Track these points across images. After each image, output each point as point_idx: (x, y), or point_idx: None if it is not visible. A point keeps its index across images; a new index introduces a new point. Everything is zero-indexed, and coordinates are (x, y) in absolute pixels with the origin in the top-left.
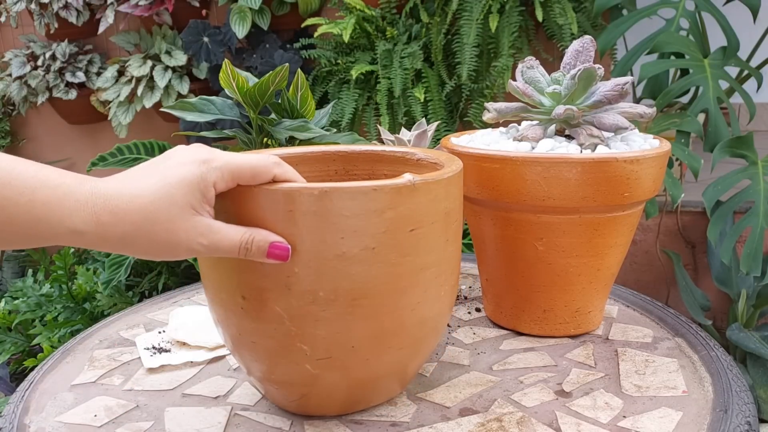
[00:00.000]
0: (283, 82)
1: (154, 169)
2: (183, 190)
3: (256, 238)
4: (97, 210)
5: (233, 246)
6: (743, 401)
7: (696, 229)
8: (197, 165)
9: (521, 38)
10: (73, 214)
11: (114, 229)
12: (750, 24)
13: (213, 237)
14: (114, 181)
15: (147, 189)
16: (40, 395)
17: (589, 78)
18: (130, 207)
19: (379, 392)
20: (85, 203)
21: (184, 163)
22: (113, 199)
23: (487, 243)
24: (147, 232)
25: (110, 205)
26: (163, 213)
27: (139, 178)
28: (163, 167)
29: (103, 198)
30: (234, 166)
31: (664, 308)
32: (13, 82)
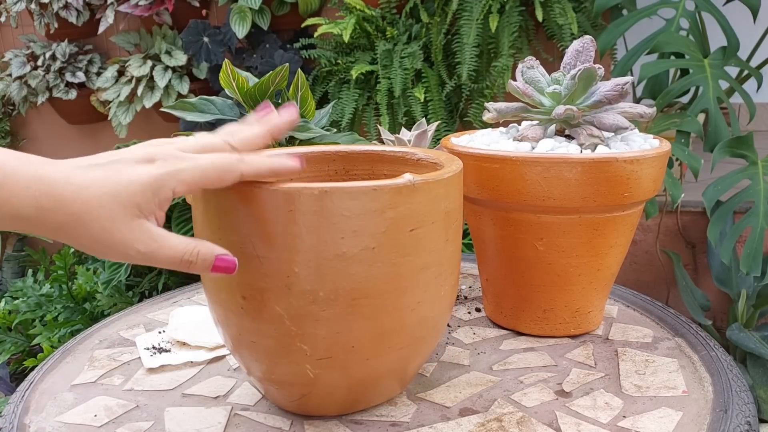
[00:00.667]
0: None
1: (108, 162)
2: (131, 189)
3: (201, 251)
4: (39, 195)
5: (174, 257)
6: (743, 401)
7: (696, 229)
8: (156, 167)
9: (521, 38)
10: (14, 197)
11: (54, 216)
12: (750, 24)
13: (152, 245)
14: (63, 166)
15: (95, 182)
16: (40, 395)
17: (589, 78)
18: (74, 197)
19: (379, 392)
20: (27, 187)
21: (141, 161)
22: (58, 187)
23: (487, 243)
24: (85, 225)
25: (54, 192)
26: (104, 210)
27: (90, 169)
28: (118, 161)
29: (47, 184)
30: (198, 172)
31: (664, 308)
32: (13, 82)
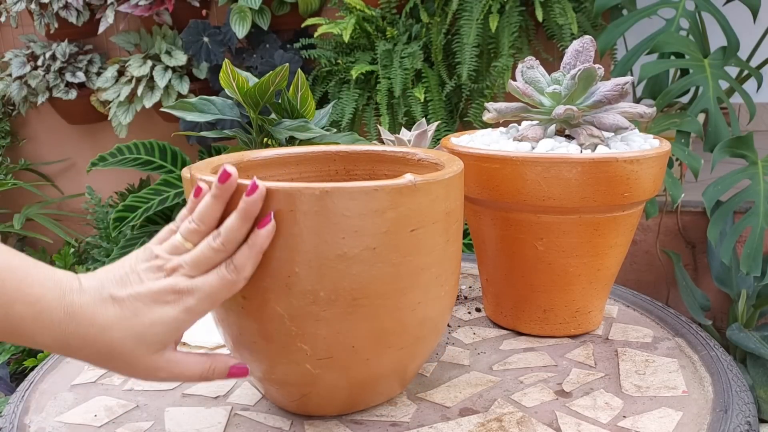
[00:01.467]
0: (283, 82)
1: (128, 297)
2: (154, 330)
3: (217, 368)
4: (67, 334)
5: (192, 377)
6: (743, 401)
7: (696, 229)
8: (173, 308)
9: (521, 38)
10: (45, 333)
11: (79, 352)
12: (750, 24)
13: (173, 371)
14: (91, 305)
15: (118, 323)
16: (40, 395)
17: (589, 78)
18: (99, 338)
19: (379, 392)
20: (58, 324)
21: (158, 301)
22: (84, 327)
23: (487, 243)
24: (110, 361)
25: (81, 332)
26: (127, 348)
27: (111, 304)
28: (137, 298)
29: (75, 324)
30: (208, 303)
31: (664, 308)
32: (13, 82)
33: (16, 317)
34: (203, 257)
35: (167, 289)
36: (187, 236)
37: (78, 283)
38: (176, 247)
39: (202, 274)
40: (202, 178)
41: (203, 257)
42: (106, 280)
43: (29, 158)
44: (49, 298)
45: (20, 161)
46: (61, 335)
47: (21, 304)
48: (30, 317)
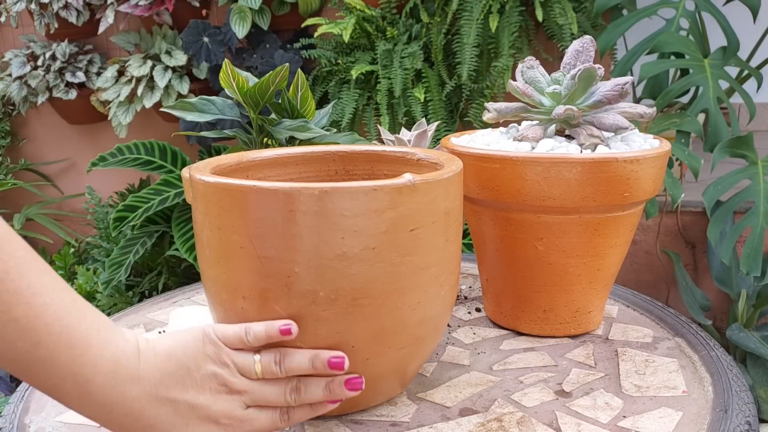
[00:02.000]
0: (283, 82)
1: (186, 404)
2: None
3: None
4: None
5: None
6: (743, 401)
7: (696, 229)
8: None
9: (521, 38)
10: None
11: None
12: (750, 24)
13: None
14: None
15: (165, 427)
16: (41, 395)
17: (589, 78)
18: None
19: (379, 392)
20: (104, 407)
21: (209, 421)
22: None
23: (487, 243)
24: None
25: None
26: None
27: (165, 408)
28: (194, 410)
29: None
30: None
31: (664, 308)
32: (13, 82)
33: (62, 393)
34: (271, 400)
35: (224, 413)
36: (266, 373)
37: (137, 364)
38: (248, 372)
39: (258, 407)
40: None
41: (271, 400)
42: (166, 377)
43: (29, 158)
44: (100, 382)
45: (20, 161)
46: (103, 416)
47: (72, 384)
48: (76, 394)
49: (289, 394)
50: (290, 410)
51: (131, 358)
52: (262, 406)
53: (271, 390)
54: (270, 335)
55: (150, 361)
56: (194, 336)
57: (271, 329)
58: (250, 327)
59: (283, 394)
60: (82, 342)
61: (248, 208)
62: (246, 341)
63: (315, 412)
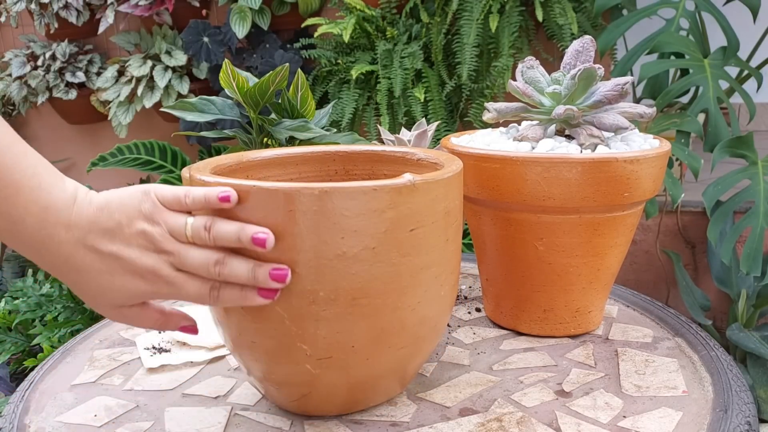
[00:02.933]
0: (283, 82)
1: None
2: (121, 294)
3: (169, 324)
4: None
5: (146, 327)
6: (743, 401)
7: (696, 229)
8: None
9: (521, 38)
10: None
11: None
12: (750, 24)
13: (127, 322)
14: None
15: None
16: (40, 395)
17: (589, 78)
18: (67, 275)
19: (379, 392)
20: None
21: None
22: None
23: (487, 243)
24: (71, 286)
25: (54, 261)
26: (89, 295)
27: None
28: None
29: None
30: (175, 297)
31: (664, 308)
32: (13, 82)
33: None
34: (196, 267)
35: (149, 269)
36: (194, 236)
37: (69, 212)
38: (178, 234)
39: (186, 274)
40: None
41: (196, 267)
42: (95, 226)
43: None
44: (29, 223)
45: None
46: (33, 252)
47: (3, 222)
48: (7, 232)
49: (214, 264)
50: (220, 288)
51: (65, 206)
52: (190, 274)
53: (196, 255)
54: (209, 200)
55: (83, 210)
56: (133, 192)
57: (210, 194)
58: (190, 190)
59: (207, 262)
60: (14, 184)
61: (248, 208)
62: (184, 203)
63: (244, 299)
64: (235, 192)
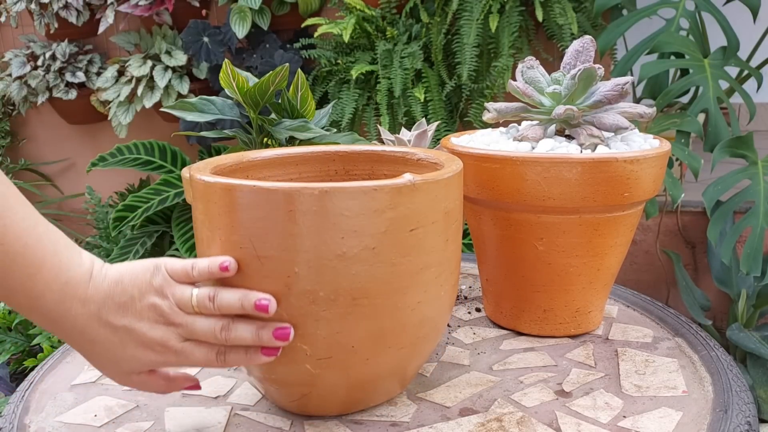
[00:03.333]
0: (283, 82)
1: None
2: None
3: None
4: (56, 328)
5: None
6: (743, 401)
7: (696, 229)
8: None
9: (521, 38)
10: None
11: (63, 337)
12: (750, 24)
13: (137, 388)
14: (86, 319)
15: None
16: (40, 395)
17: (589, 78)
18: (82, 346)
19: (379, 392)
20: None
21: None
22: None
23: (487, 243)
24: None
25: (68, 335)
26: (102, 365)
27: (105, 329)
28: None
29: (67, 328)
30: (184, 366)
31: (664, 308)
32: (13, 82)
33: (15, 303)
34: (203, 335)
35: (158, 341)
36: (200, 307)
37: (86, 287)
38: (185, 305)
39: (194, 342)
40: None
41: (203, 335)
42: (109, 301)
43: (29, 158)
44: (49, 299)
45: (20, 161)
46: (51, 324)
47: (24, 298)
48: (27, 306)
49: (220, 331)
50: (226, 351)
51: (82, 281)
52: (198, 341)
53: (203, 324)
54: (212, 271)
55: (99, 285)
56: (145, 266)
57: (213, 265)
58: (196, 263)
59: (213, 330)
60: (37, 262)
61: (248, 208)
62: (191, 275)
63: (249, 359)
64: (234, 261)
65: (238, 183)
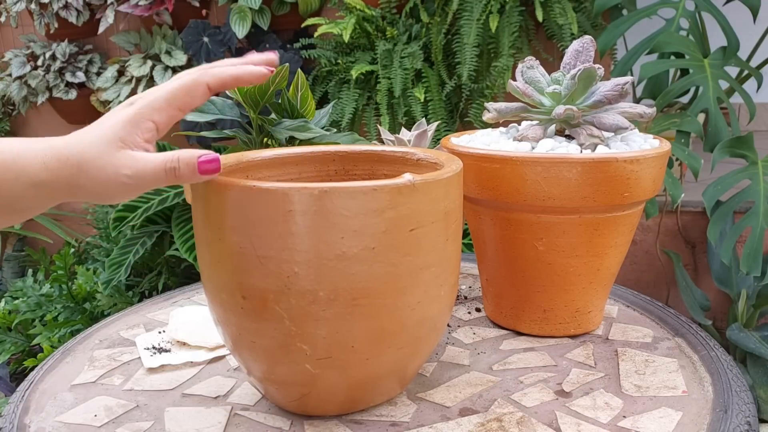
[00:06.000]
0: (283, 82)
1: (103, 117)
2: (115, 128)
3: (182, 157)
4: (47, 159)
5: (157, 169)
6: (743, 401)
7: (696, 229)
8: (134, 105)
9: (521, 38)
10: (28, 167)
11: (61, 172)
12: (750, 24)
13: (135, 165)
14: (67, 135)
15: (87, 133)
16: (40, 395)
17: (589, 78)
18: (73, 150)
19: (379, 392)
20: (36, 155)
21: (125, 106)
22: (60, 148)
23: (487, 243)
24: (85, 171)
25: (56, 153)
26: (95, 150)
27: (85, 129)
28: (110, 114)
29: (51, 149)
30: (167, 95)
31: (664, 308)
32: (13, 82)
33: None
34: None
35: (136, 97)
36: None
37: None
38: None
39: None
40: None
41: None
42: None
43: None
44: (23, 144)
45: None
46: (41, 163)
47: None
48: (11, 160)
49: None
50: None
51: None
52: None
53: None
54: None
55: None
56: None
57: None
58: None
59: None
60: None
61: (248, 208)
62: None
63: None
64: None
65: (237, 183)
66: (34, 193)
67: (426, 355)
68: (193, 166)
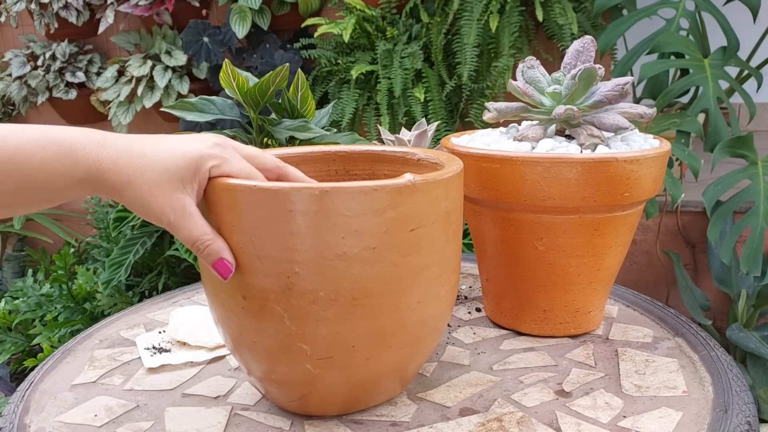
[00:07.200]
0: (283, 82)
1: (171, 139)
2: (180, 163)
3: (211, 246)
4: (102, 158)
5: (191, 236)
6: (743, 401)
7: (696, 229)
8: (207, 146)
9: (521, 38)
10: (79, 163)
11: (110, 177)
12: (750, 24)
13: (180, 219)
14: (127, 138)
15: (150, 153)
16: (41, 395)
17: (590, 78)
18: (130, 162)
19: (379, 392)
20: (90, 152)
21: (197, 140)
22: (120, 152)
23: (487, 243)
24: (134, 187)
25: (114, 156)
26: (153, 176)
27: (150, 142)
28: (179, 139)
29: (111, 149)
30: (233, 171)
31: (664, 308)
32: (13, 82)
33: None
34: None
35: (214, 138)
36: None
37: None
38: None
39: None
40: None
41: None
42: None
43: None
44: (75, 137)
45: None
46: (95, 161)
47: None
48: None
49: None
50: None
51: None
52: None
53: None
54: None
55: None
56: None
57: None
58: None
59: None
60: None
61: (249, 208)
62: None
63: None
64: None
65: (238, 183)
66: (79, 188)
67: (426, 355)
68: (210, 260)
